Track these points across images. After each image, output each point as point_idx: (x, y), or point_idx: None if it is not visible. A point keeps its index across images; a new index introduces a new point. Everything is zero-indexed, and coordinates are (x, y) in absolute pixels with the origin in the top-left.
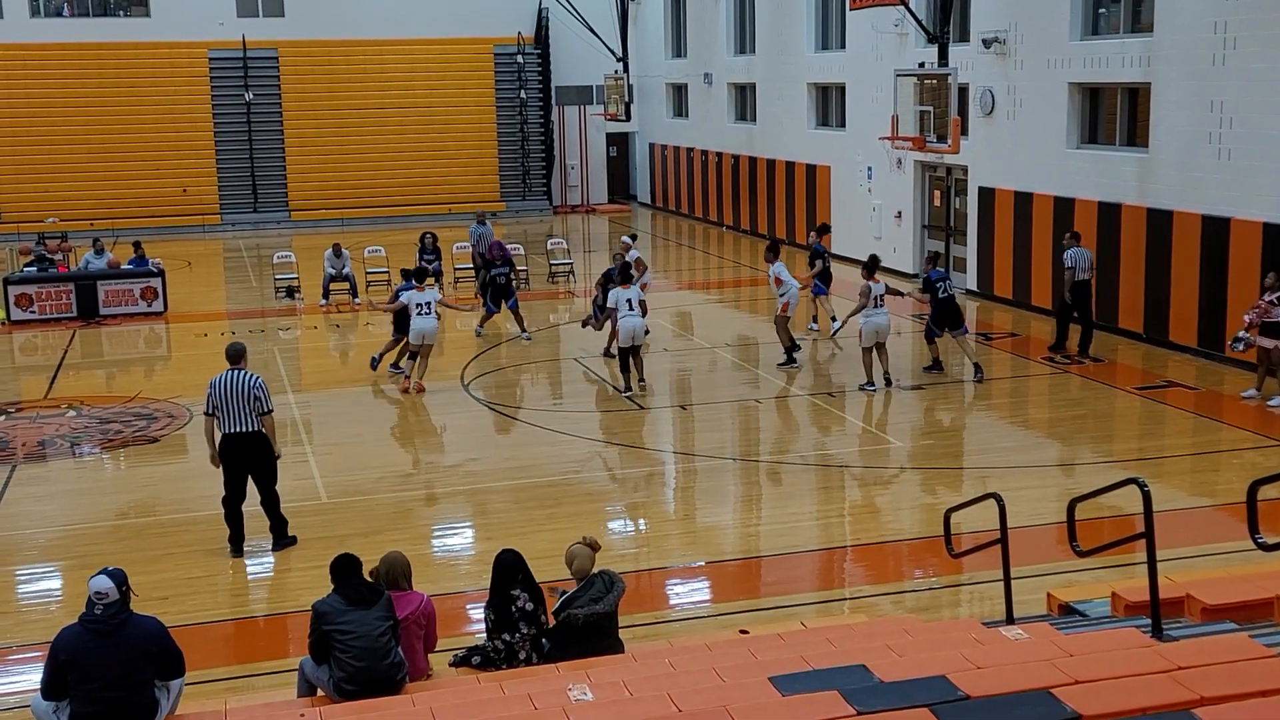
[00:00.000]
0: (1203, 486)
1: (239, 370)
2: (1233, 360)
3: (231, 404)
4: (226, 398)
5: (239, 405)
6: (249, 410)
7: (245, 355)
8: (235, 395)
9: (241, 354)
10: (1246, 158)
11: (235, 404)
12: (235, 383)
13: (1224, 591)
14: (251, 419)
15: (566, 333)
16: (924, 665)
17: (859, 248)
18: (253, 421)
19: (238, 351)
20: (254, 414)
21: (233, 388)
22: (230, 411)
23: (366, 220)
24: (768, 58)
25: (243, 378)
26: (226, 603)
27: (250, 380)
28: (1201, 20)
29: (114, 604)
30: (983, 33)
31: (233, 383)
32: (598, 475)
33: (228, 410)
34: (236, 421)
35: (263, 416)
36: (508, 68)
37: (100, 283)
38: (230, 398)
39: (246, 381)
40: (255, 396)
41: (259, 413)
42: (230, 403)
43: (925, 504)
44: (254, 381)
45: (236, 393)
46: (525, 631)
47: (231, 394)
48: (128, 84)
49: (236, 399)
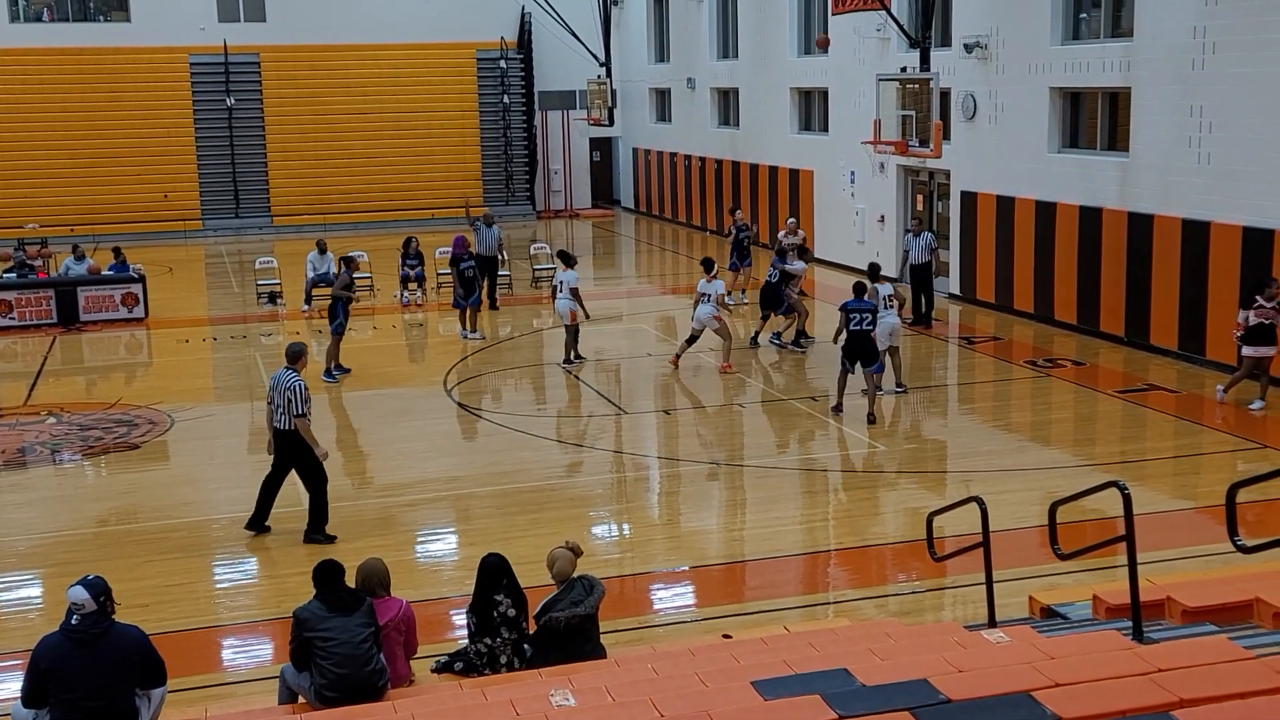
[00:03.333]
0: (1183, 489)
1: (288, 370)
2: (1213, 364)
3: (277, 400)
4: (274, 394)
5: (281, 403)
6: (286, 410)
7: (302, 356)
8: (279, 393)
9: (298, 355)
10: (1226, 162)
11: (280, 401)
12: (280, 381)
13: (1204, 594)
14: (289, 417)
15: (550, 337)
16: (906, 669)
17: (842, 252)
18: (290, 420)
19: (294, 352)
20: (290, 414)
21: (278, 386)
22: (277, 407)
23: (349, 225)
24: (750, 62)
25: (284, 378)
26: (208, 609)
27: (288, 381)
28: (1181, 25)
29: (91, 614)
30: (964, 37)
31: (280, 381)
32: (581, 480)
33: (275, 406)
34: (279, 418)
35: (296, 418)
36: (490, 73)
37: (80, 289)
38: (277, 395)
39: (286, 382)
40: (289, 398)
41: (294, 414)
42: (276, 399)
43: (908, 508)
44: (290, 383)
45: (280, 391)
46: (507, 636)
47: (277, 391)
48: (108, 89)
49: (280, 397)
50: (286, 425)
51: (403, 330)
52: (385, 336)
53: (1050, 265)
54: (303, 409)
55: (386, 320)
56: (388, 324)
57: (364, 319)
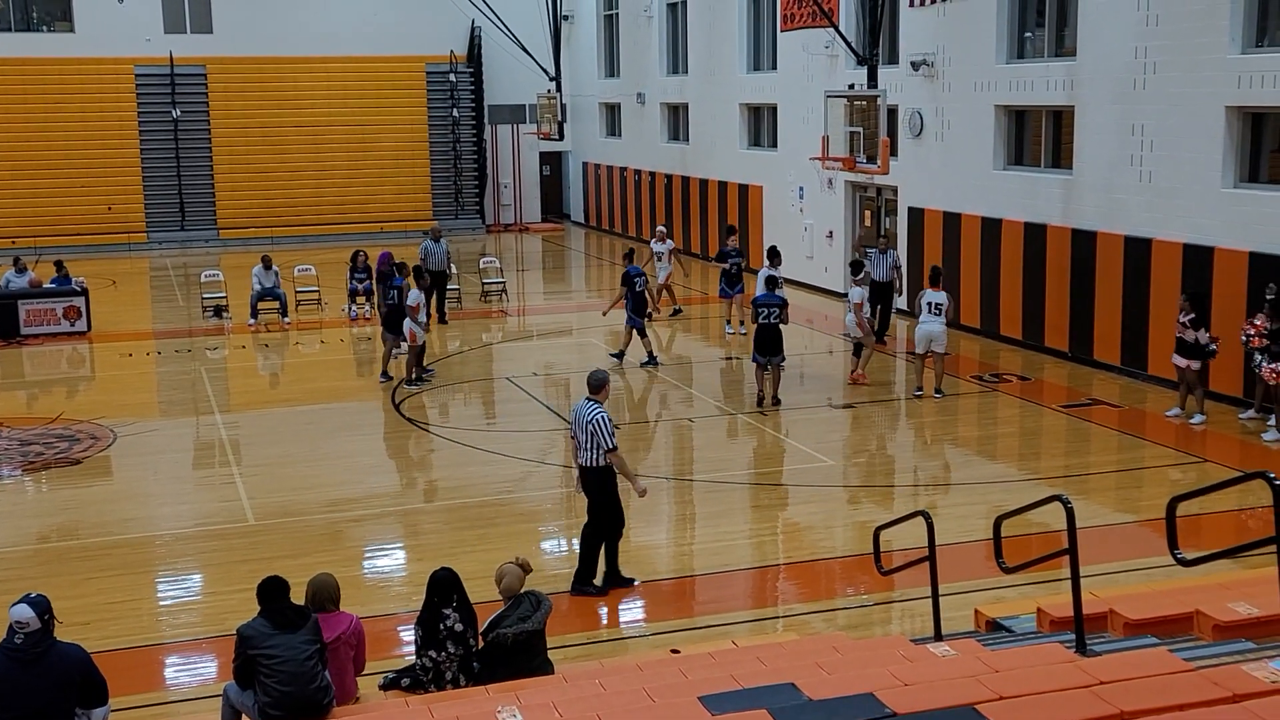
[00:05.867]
0: (1126, 503)
1: (589, 402)
2: (1155, 378)
3: (579, 434)
4: (576, 427)
5: (583, 437)
6: (588, 444)
7: (605, 386)
8: (580, 427)
9: (601, 385)
10: (1167, 179)
11: (581, 435)
12: (581, 415)
13: (1145, 606)
14: (593, 453)
15: (499, 352)
16: (852, 683)
17: (791, 267)
18: (593, 456)
19: (596, 382)
20: (593, 449)
21: (580, 419)
22: (579, 442)
23: (297, 239)
24: (700, 78)
25: (586, 411)
26: (150, 627)
27: (590, 414)
28: (1123, 45)
29: (35, 633)
30: (911, 55)
31: (580, 413)
32: (531, 495)
33: (578, 440)
34: (581, 453)
35: (607, 454)
36: (440, 86)
37: (21, 302)
38: (579, 429)
39: (587, 415)
40: (592, 433)
41: (600, 449)
42: (578, 433)
43: (856, 521)
44: (592, 416)
45: (581, 425)
46: (452, 651)
47: (579, 425)
48: (52, 100)
49: (581, 431)
50: (593, 462)
51: (350, 344)
52: (333, 350)
53: (996, 281)
54: (612, 443)
55: (334, 334)
56: (335, 338)
57: (311, 333)
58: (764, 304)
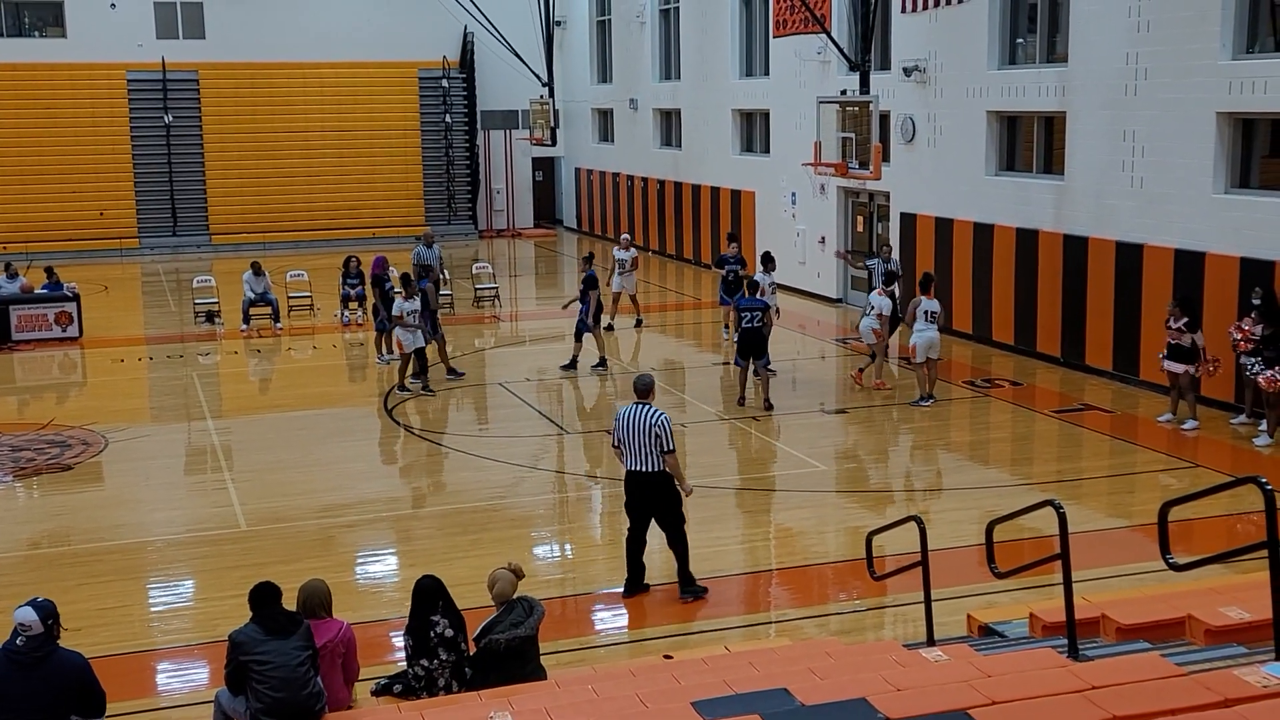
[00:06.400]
0: (1118, 508)
1: (643, 405)
2: (1147, 384)
3: (632, 440)
4: (629, 433)
5: (640, 442)
6: (650, 448)
7: (653, 390)
8: (636, 431)
9: (648, 389)
10: (1158, 185)
11: (636, 440)
12: (637, 418)
13: (1138, 611)
14: (653, 457)
15: (492, 357)
16: (845, 688)
17: (783, 273)
18: (654, 460)
19: (645, 386)
20: (655, 452)
21: (634, 423)
22: (631, 448)
23: (289, 244)
24: (692, 84)
25: (644, 414)
26: (142, 633)
27: (651, 417)
28: (1114, 51)
29: (37, 637)
30: (903, 61)
31: (635, 418)
32: (523, 500)
33: (629, 446)
34: (637, 459)
35: (664, 455)
36: (433, 92)
37: (12, 307)
38: (632, 433)
39: (648, 418)
40: (656, 435)
41: (660, 451)
42: (631, 439)
43: (849, 527)
44: (655, 419)
45: (637, 429)
46: (444, 658)
47: (633, 429)
48: (44, 105)
49: (637, 435)
50: (651, 466)
51: (343, 349)
52: (325, 356)
53: (988, 287)
54: (671, 444)
55: (327, 340)
56: (328, 343)
57: (303, 338)
58: (746, 308)
